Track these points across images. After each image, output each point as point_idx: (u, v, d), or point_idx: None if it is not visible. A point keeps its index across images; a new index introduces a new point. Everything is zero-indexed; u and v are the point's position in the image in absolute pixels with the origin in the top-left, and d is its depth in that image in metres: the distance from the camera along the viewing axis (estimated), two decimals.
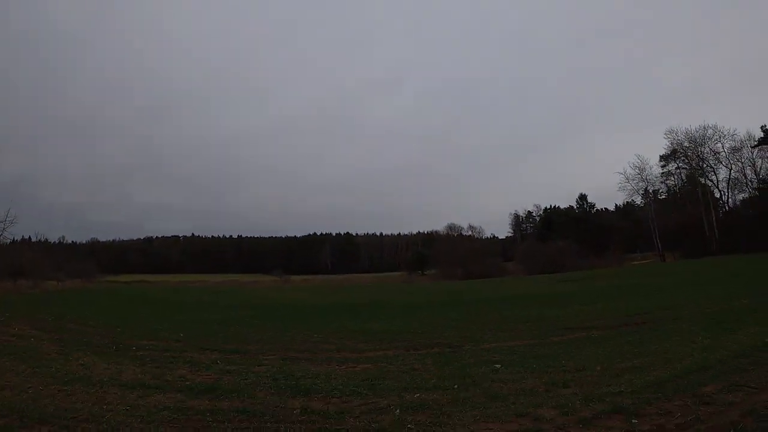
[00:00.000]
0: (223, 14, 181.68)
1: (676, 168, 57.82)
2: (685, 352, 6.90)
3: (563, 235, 73.46)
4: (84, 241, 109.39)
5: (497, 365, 6.81)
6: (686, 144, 54.60)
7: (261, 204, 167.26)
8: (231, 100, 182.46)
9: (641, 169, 59.88)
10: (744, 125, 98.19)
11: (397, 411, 4.76)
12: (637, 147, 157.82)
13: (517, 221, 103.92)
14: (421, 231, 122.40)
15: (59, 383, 6.67)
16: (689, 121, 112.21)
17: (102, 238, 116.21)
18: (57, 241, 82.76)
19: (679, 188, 59.62)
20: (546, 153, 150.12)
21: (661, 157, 58.68)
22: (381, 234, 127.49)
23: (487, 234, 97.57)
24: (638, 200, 67.26)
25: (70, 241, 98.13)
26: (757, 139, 49.24)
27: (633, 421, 4.03)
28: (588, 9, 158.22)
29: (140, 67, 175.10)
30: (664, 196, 63.38)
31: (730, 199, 54.20)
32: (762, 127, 49.21)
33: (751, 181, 50.91)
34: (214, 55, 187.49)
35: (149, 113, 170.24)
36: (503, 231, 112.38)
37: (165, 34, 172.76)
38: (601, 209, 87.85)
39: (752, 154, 50.09)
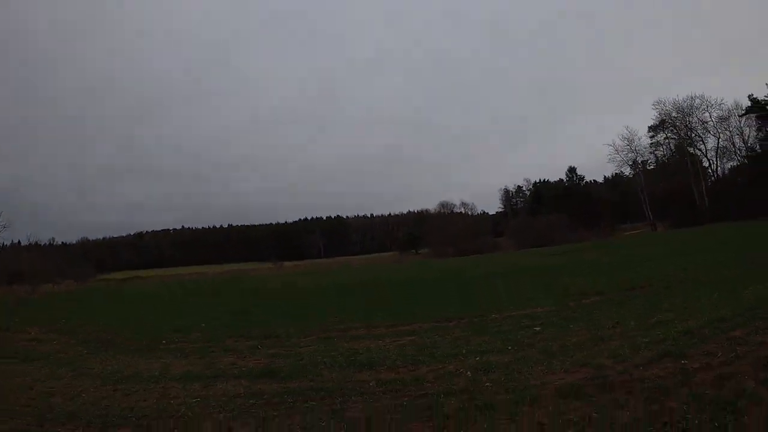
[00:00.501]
0: (206, 5, 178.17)
1: (665, 138, 59.02)
2: (702, 308, 7.57)
3: (553, 209, 74.58)
4: (74, 241, 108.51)
5: (536, 328, 7.43)
6: (674, 114, 55.71)
7: (250, 193, 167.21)
8: (215, 91, 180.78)
9: (630, 141, 60.96)
10: (731, 96, 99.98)
11: (468, 373, 5.23)
12: (624, 120, 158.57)
13: (507, 196, 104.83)
14: (412, 210, 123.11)
15: (110, 383, 6.65)
16: (676, 92, 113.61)
17: (92, 237, 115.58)
18: (47, 243, 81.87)
19: (668, 158, 60.85)
20: (535, 129, 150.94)
21: (650, 128, 59.76)
22: (372, 215, 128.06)
23: (478, 210, 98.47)
24: (627, 171, 68.50)
25: (60, 242, 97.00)
26: (744, 108, 50.39)
27: (683, 362, 4.65)
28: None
29: (125, 65, 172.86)
30: (652, 167, 64.56)
31: (719, 168, 55.64)
32: (749, 96, 50.28)
33: (739, 149, 52.27)
34: (197, 48, 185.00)
35: (133, 109, 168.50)
36: (493, 207, 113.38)
37: (148, 27, 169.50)
38: (591, 181, 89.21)
39: (740, 123, 51.36)
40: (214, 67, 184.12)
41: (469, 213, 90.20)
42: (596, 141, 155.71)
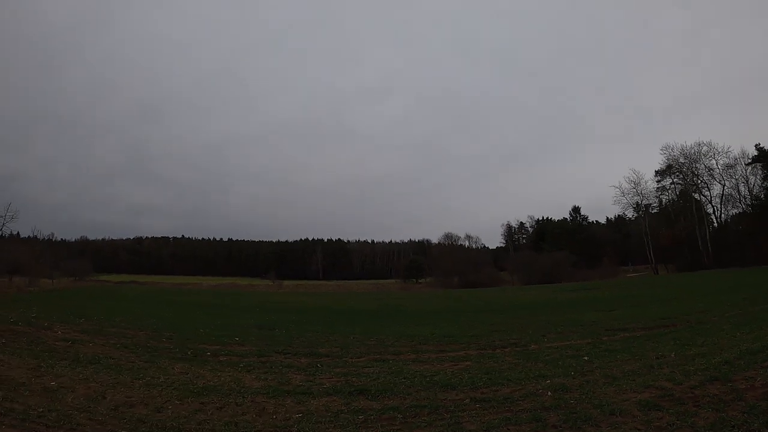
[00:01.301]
0: (217, 17, 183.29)
1: (671, 183, 60.73)
2: (732, 343, 8.57)
3: (557, 247, 75.75)
4: (73, 239, 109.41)
5: (585, 357, 8.45)
6: (681, 160, 57.55)
7: (251, 207, 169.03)
8: (222, 103, 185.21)
9: (636, 183, 62.66)
10: (730, 141, 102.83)
11: (549, 393, 6.02)
12: (626, 161, 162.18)
13: (510, 232, 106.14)
14: (413, 239, 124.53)
15: (190, 395, 6.62)
16: (678, 135, 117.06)
17: (91, 237, 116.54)
18: (46, 239, 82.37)
19: (672, 203, 62.40)
20: (535, 166, 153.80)
21: (657, 172, 61.56)
22: (373, 241, 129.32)
23: (480, 244, 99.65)
24: (630, 213, 69.98)
25: (59, 239, 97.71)
26: (750, 157, 52.27)
27: (730, 384, 5.71)
28: (576, 25, 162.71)
29: (133, 67, 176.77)
30: (655, 210, 66.14)
31: (722, 215, 57.18)
32: (756, 146, 52.28)
33: (744, 197, 53.92)
34: (207, 58, 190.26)
35: (141, 113, 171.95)
36: (493, 240, 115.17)
37: (157, 35, 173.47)
38: (593, 221, 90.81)
39: (746, 171, 53.15)
40: (224, 78, 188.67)
41: (473, 246, 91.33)
42: (599, 181, 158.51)
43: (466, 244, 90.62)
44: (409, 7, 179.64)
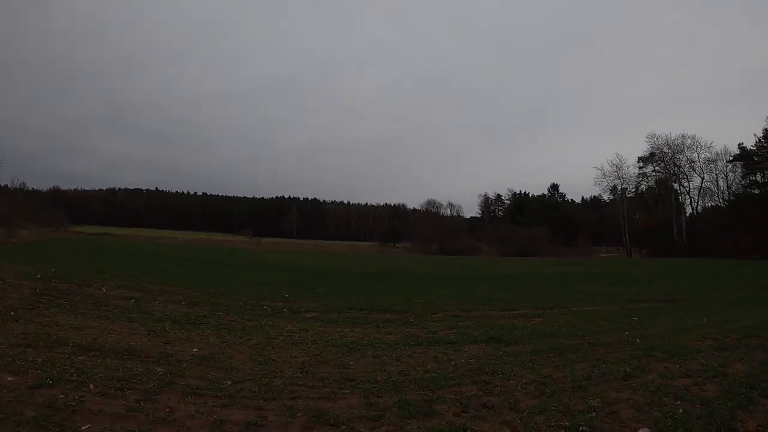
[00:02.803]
0: None
1: (653, 170, 64.76)
2: (742, 315, 11.05)
3: (534, 222, 79.51)
4: (45, 189, 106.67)
5: (635, 318, 10.77)
6: (665, 149, 61.40)
7: (227, 164, 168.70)
8: (207, 57, 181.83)
9: (619, 167, 66.40)
10: (713, 138, 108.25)
11: (638, 340, 7.91)
12: (605, 146, 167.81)
13: (486, 203, 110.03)
14: (389, 203, 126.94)
15: (350, 350, 6.86)
16: (658, 129, 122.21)
17: (64, 186, 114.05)
18: (18, 187, 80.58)
19: (650, 190, 66.59)
20: (515, 143, 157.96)
21: (640, 159, 65.46)
22: (349, 203, 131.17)
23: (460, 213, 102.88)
24: (606, 196, 74.17)
25: (31, 188, 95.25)
26: (733, 155, 56.51)
27: (762, 338, 8.06)
28: (569, 12, 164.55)
29: (119, 13, 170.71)
30: (631, 195, 70.40)
31: (699, 206, 61.79)
32: (739, 145, 56.51)
33: (723, 192, 58.47)
34: (194, 12, 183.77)
35: (123, 62, 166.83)
36: (467, 210, 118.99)
37: None
38: (570, 200, 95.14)
39: (726, 168, 57.47)
40: (211, 32, 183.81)
41: (455, 214, 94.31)
42: (577, 162, 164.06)
43: (448, 212, 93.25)
44: None
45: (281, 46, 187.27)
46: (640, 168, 66.00)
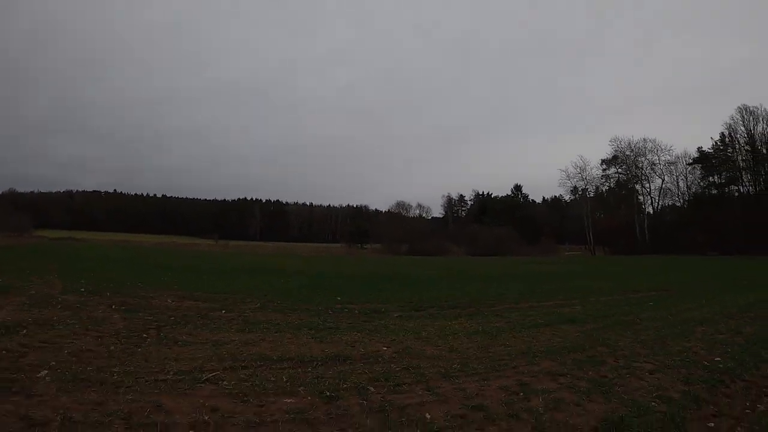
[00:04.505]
0: None
1: (616, 172, 70.70)
2: (728, 300, 14.55)
3: (498, 222, 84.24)
4: (0, 192, 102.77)
5: (650, 303, 14.06)
6: (628, 152, 67.38)
7: (187, 166, 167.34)
8: (165, 60, 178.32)
9: (582, 169, 71.92)
10: (671, 139, 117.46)
11: (669, 316, 11.34)
12: (561, 148, 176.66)
13: (450, 203, 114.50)
14: (351, 204, 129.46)
15: (481, 336, 8.53)
16: (618, 130, 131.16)
17: (20, 189, 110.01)
18: None
19: (612, 190, 72.55)
20: (473, 144, 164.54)
21: (603, 161, 71.28)
22: (311, 204, 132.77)
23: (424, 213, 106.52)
24: (567, 196, 79.94)
25: None
26: (692, 158, 62.98)
27: (754, 312, 11.51)
28: (531, 18, 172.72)
29: (77, 13, 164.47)
30: (591, 195, 76.28)
31: (659, 206, 68.11)
32: (698, 149, 63.22)
33: (683, 192, 64.90)
34: (154, 13, 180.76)
35: (80, 63, 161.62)
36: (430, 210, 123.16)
37: None
38: (532, 201, 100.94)
39: (686, 169, 63.91)
40: (171, 33, 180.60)
41: (424, 215, 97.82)
42: (538, 162, 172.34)
43: (417, 213, 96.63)
44: None
45: (242, 48, 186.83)
46: (604, 170, 72.04)
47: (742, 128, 60.15)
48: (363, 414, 4.72)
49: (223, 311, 10.86)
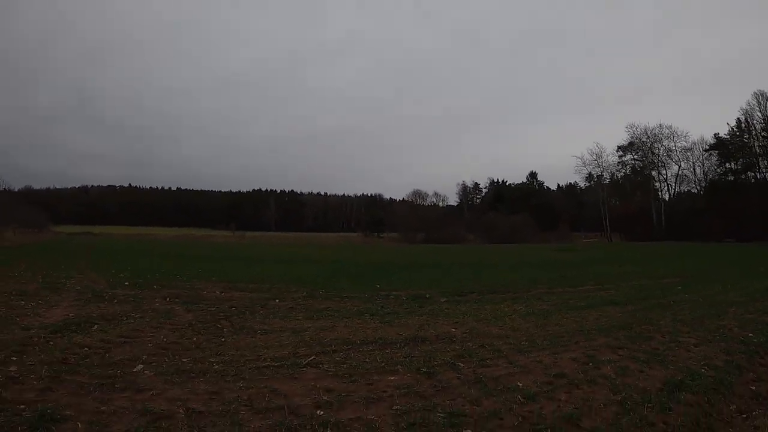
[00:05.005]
0: None
1: (632, 159, 70.98)
2: (750, 284, 15.42)
3: (514, 210, 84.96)
4: (17, 188, 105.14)
5: (678, 287, 15.01)
6: (644, 139, 67.60)
7: (199, 157, 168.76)
8: (178, 50, 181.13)
9: (598, 156, 72.29)
10: (686, 125, 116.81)
11: (700, 299, 12.35)
12: (575, 134, 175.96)
13: (465, 191, 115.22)
14: (366, 193, 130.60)
15: (549, 316, 9.60)
16: (631, 116, 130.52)
17: (36, 185, 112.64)
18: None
19: (628, 177, 72.87)
20: (483, 133, 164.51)
21: (619, 148, 71.61)
22: (326, 194, 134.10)
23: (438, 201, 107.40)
24: (581, 183, 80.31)
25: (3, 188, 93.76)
26: (708, 144, 63.13)
27: None
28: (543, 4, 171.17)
29: (88, 7, 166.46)
30: (606, 182, 76.63)
31: (675, 192, 68.41)
32: (715, 135, 63.28)
33: (699, 179, 65.16)
34: (163, 4, 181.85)
35: (92, 56, 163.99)
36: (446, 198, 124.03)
37: None
38: (548, 188, 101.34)
39: (702, 156, 64.09)
40: (182, 23, 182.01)
41: (440, 204, 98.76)
42: (552, 149, 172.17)
43: (434, 201, 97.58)
44: None
45: (252, 38, 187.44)
46: (620, 157, 72.35)
47: (759, 114, 60.20)
48: (464, 385, 5.37)
49: (276, 300, 11.60)
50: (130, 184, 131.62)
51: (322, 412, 4.52)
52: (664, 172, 68.52)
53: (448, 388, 5.27)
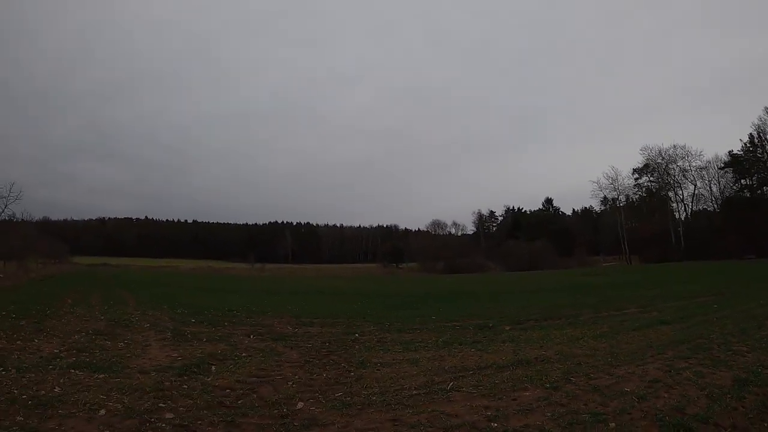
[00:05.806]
0: None
1: (648, 181, 72.46)
2: None
3: (532, 236, 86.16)
4: (35, 220, 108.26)
5: (714, 305, 16.48)
6: (659, 160, 69.20)
7: (216, 189, 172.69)
8: (192, 83, 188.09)
9: (614, 179, 73.87)
10: (699, 142, 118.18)
11: (738, 314, 13.84)
12: (589, 158, 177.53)
13: (481, 220, 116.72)
14: (381, 224, 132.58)
15: (618, 336, 10.81)
16: (643, 138, 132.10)
17: (53, 217, 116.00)
18: (7, 219, 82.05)
19: (645, 199, 74.13)
20: (502, 158, 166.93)
21: (635, 170, 73.17)
22: (342, 225, 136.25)
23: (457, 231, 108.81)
24: (597, 207, 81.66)
25: (20, 219, 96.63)
26: (723, 162, 64.56)
27: None
28: (548, 25, 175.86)
29: (103, 43, 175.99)
30: (622, 204, 77.86)
31: (692, 211, 69.47)
32: (729, 152, 64.83)
33: (716, 198, 66.40)
34: (177, 36, 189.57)
35: (108, 90, 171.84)
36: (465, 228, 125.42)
37: (128, 7, 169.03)
38: (563, 213, 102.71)
39: (717, 174, 65.53)
40: (196, 59, 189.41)
41: (459, 234, 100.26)
42: (565, 173, 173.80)
43: (452, 231, 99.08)
44: None
45: (266, 69, 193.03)
46: (636, 179, 73.79)
47: None
48: (586, 394, 6.35)
49: (357, 335, 12.17)
50: (146, 216, 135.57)
51: (496, 425, 5.27)
52: (681, 192, 69.94)
53: (576, 397, 6.23)
